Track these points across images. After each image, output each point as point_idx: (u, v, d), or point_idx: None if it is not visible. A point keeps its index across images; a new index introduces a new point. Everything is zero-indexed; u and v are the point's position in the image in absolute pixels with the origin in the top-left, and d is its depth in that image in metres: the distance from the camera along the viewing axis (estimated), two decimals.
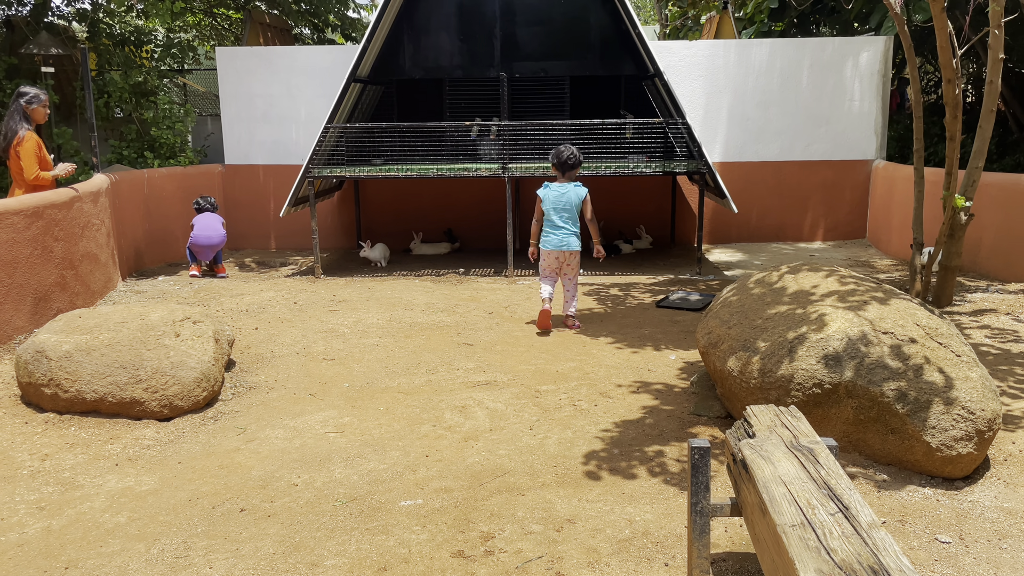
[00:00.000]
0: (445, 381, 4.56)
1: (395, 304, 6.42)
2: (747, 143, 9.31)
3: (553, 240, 5.71)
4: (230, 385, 4.47)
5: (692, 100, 9.17)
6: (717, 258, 8.71)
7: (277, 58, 9.34)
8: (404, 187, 9.57)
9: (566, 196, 5.68)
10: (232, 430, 3.91)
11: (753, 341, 3.59)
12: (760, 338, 3.57)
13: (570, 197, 5.69)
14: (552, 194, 5.68)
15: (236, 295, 6.85)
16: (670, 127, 7.64)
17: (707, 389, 4.18)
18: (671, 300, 6.47)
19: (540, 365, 4.83)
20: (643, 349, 5.15)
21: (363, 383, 4.55)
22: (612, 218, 9.37)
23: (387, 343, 5.35)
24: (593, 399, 4.22)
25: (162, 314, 4.37)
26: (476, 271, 8.11)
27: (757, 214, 9.47)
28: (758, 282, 4.00)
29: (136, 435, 3.84)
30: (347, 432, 3.84)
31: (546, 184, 5.73)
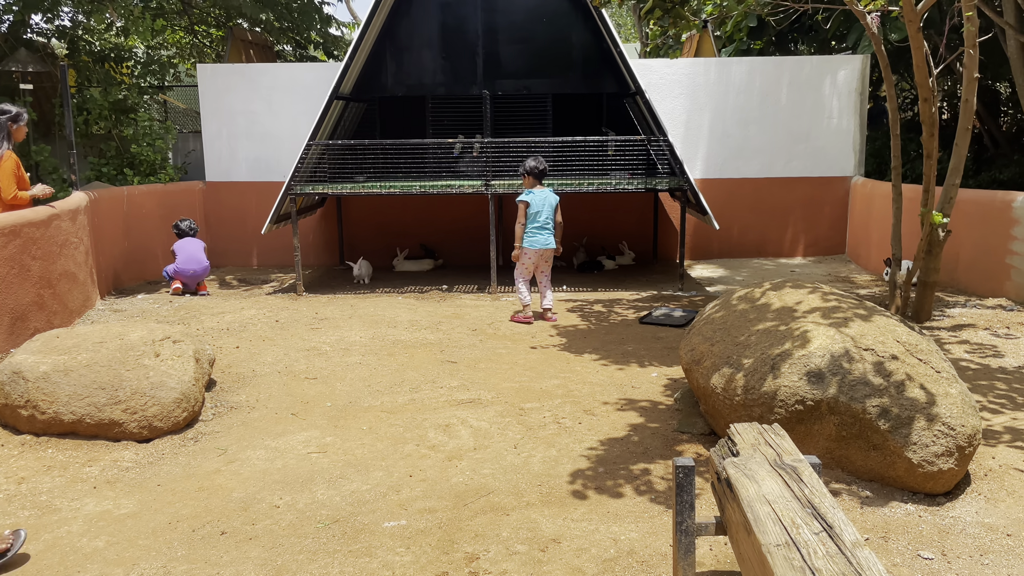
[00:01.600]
0: (429, 399, 4.54)
1: (378, 322, 6.40)
2: (728, 160, 9.40)
3: (540, 240, 6.35)
4: (211, 405, 4.43)
5: (673, 117, 9.25)
6: (699, 274, 8.76)
7: (259, 75, 9.33)
8: (387, 204, 9.56)
9: (548, 200, 6.38)
10: (213, 451, 3.86)
11: (737, 358, 3.61)
12: (744, 355, 3.59)
13: (550, 201, 6.40)
14: (538, 198, 6.33)
15: (217, 313, 6.80)
16: (652, 144, 7.70)
17: (691, 406, 4.18)
18: (654, 316, 6.49)
19: (524, 383, 4.82)
20: (627, 366, 5.16)
21: (346, 402, 4.52)
22: (595, 234, 9.41)
23: (370, 361, 5.32)
24: (577, 417, 4.21)
25: (142, 333, 4.32)
26: (459, 288, 8.10)
27: (738, 230, 9.54)
28: (741, 298, 4.02)
29: (115, 457, 3.79)
30: (330, 452, 3.80)
31: (528, 191, 6.36)
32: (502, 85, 8.76)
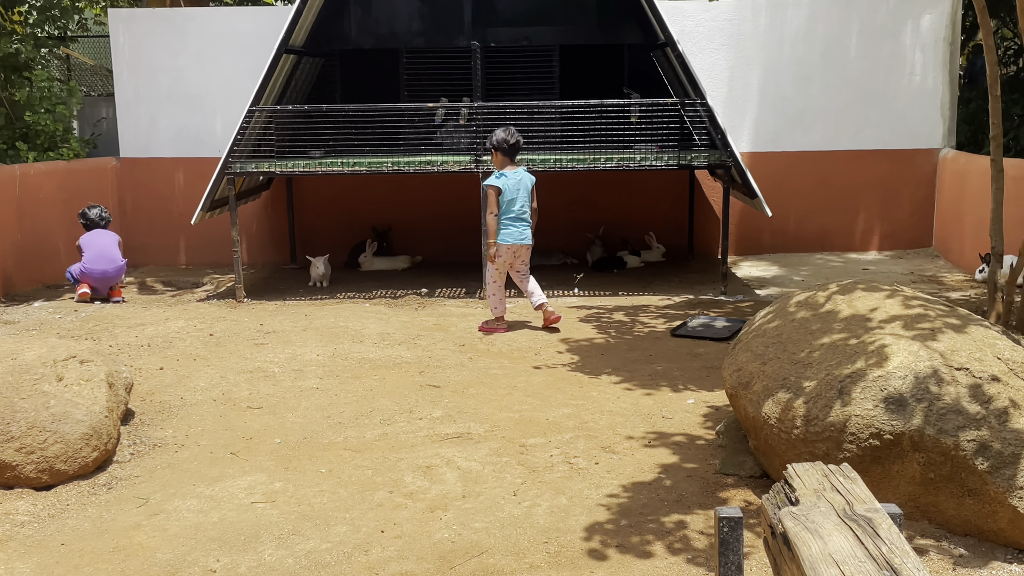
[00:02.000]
0: (405, 434, 4.54)
1: (340, 335, 6.40)
2: (782, 129, 9.42)
3: (515, 233, 6.47)
4: (128, 442, 4.43)
5: (713, 75, 9.27)
6: (747, 273, 8.76)
7: (186, 22, 9.35)
8: (351, 186, 9.58)
9: (523, 183, 6.47)
10: (131, 501, 3.86)
11: (795, 380, 3.62)
12: (804, 376, 3.60)
13: (526, 184, 6.49)
14: (511, 182, 6.39)
15: (135, 325, 6.79)
16: (686, 109, 7.72)
17: (737, 441, 4.19)
18: (690, 327, 6.50)
19: (526, 412, 4.83)
20: (656, 390, 5.17)
21: (299, 438, 4.53)
22: (615, 223, 9.43)
23: (330, 386, 5.32)
24: (594, 455, 4.22)
25: (40, 352, 4.32)
26: (443, 291, 8.11)
27: (796, 217, 9.56)
28: (801, 304, 4.03)
29: (6, 509, 3.79)
30: (279, 501, 3.81)
31: (499, 173, 6.43)
32: (496, 35, 8.78)
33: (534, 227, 6.64)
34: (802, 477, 2.57)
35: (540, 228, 9.50)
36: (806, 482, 2.54)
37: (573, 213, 9.58)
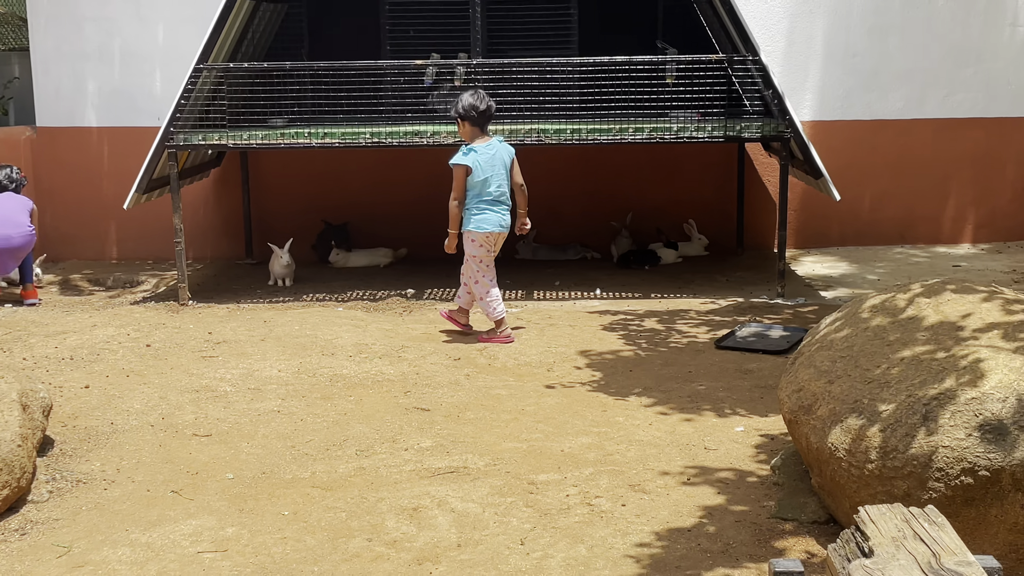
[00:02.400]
0: (387, 468, 4.54)
1: (306, 346, 6.41)
2: (854, 92, 9.41)
3: (494, 218, 6.57)
4: (47, 477, 4.43)
5: (769, 26, 9.26)
6: (809, 271, 8.75)
7: None
8: (320, 162, 9.58)
9: (497, 157, 6.56)
10: (49, 550, 3.87)
11: (869, 402, 3.61)
12: (880, 397, 3.60)
13: (502, 157, 6.59)
14: (484, 158, 6.50)
15: (56, 334, 6.80)
16: (735, 67, 7.71)
17: (797, 479, 4.18)
18: (739, 338, 6.50)
19: (536, 442, 4.83)
20: (697, 415, 5.16)
21: (256, 472, 4.53)
22: (646, 210, 9.42)
23: (294, 408, 5.32)
24: (620, 495, 4.22)
25: None
26: (434, 292, 8.11)
27: (871, 202, 9.55)
28: (876, 309, 4.02)
29: None
30: (232, 551, 3.81)
31: (467, 148, 6.55)
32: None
33: (524, 208, 6.81)
34: (877, 523, 2.57)
35: (552, 216, 9.56)
36: (882, 529, 2.54)
37: (594, 197, 9.58)
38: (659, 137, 7.58)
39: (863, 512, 2.63)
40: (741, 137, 7.69)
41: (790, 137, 7.51)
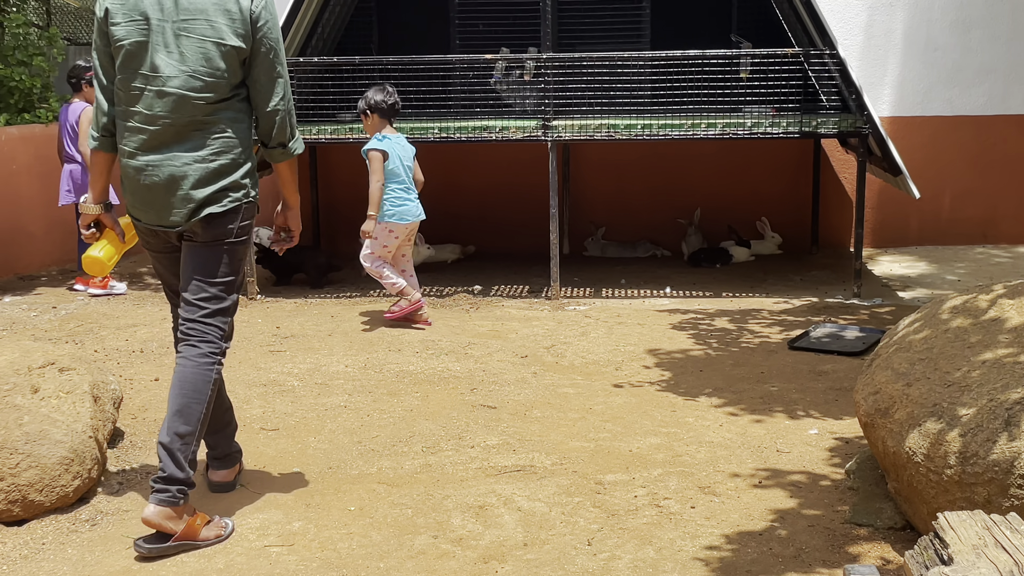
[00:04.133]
0: (453, 465, 4.56)
1: (373, 342, 6.46)
2: (934, 87, 9.27)
3: (411, 208, 6.92)
4: (116, 469, 4.51)
5: (846, 19, 9.16)
6: (887, 270, 8.64)
7: None
8: None
9: (407, 149, 6.95)
10: (119, 540, 3.93)
11: (948, 406, 3.55)
12: (960, 401, 3.54)
13: (409, 150, 6.96)
14: (397, 147, 6.83)
15: (126, 326, 6.93)
16: (811, 62, 7.62)
17: (872, 483, 4.13)
18: (813, 338, 6.44)
19: (603, 441, 4.82)
20: (769, 417, 5.12)
21: (323, 467, 4.57)
22: (717, 207, 9.36)
23: (361, 404, 5.36)
24: (689, 497, 4.20)
25: (12, 357, 4.42)
26: (500, 289, 8.13)
27: (951, 200, 9.41)
28: (957, 310, 3.96)
29: None
30: (298, 545, 3.85)
31: (381, 136, 6.86)
32: None
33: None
34: (957, 530, 2.53)
35: (621, 212, 9.54)
36: (962, 536, 2.50)
37: (664, 194, 9.55)
38: (733, 133, 7.53)
39: (942, 518, 2.59)
40: (817, 133, 7.60)
41: (868, 133, 7.42)
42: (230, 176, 3.95)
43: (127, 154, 3.92)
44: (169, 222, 3.91)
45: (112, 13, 3.86)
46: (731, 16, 9.18)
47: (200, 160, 3.90)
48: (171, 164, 3.88)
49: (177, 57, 3.84)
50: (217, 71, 3.87)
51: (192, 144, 3.90)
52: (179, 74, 3.84)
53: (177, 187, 3.88)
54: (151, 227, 3.99)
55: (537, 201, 9.21)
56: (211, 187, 3.90)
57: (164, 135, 3.87)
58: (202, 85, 3.85)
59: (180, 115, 3.86)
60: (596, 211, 9.64)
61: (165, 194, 3.88)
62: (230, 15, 3.87)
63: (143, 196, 3.93)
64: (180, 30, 3.85)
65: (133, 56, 3.86)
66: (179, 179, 3.88)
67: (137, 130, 3.89)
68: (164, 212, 3.91)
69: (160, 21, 3.84)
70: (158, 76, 3.84)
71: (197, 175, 3.89)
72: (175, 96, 3.84)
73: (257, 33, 3.91)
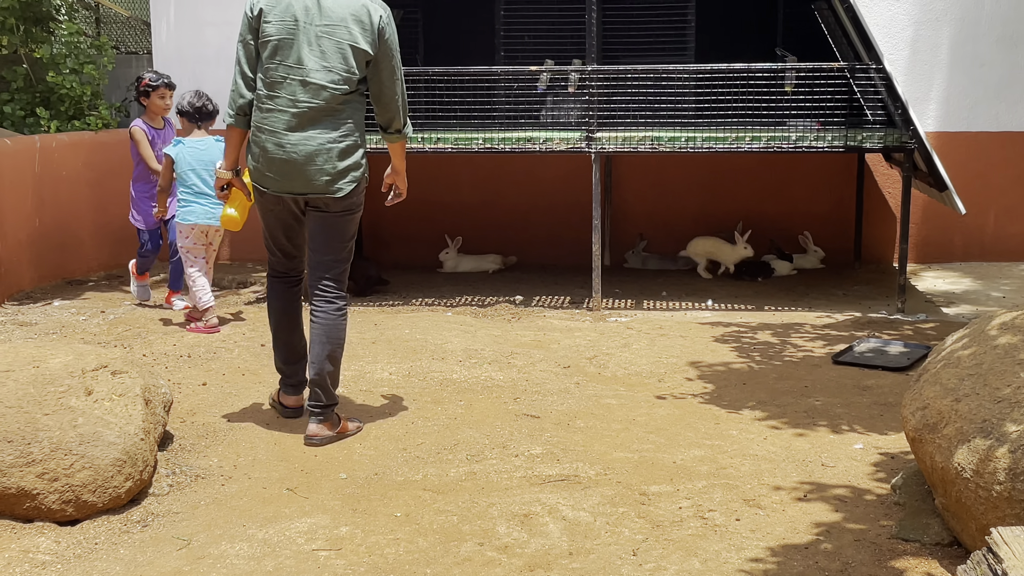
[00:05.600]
0: (497, 474, 4.60)
1: (416, 350, 6.50)
2: (981, 103, 9.22)
3: (199, 210, 7.03)
4: (167, 471, 4.58)
5: (892, 33, 9.13)
6: (931, 286, 8.58)
7: None
8: (432, 168, 9.70)
9: (208, 153, 7.05)
10: (170, 542, 4.00)
11: (998, 422, 3.55)
12: (1009, 417, 3.53)
13: (214, 154, 6.98)
14: (188, 151, 7.05)
15: (173, 331, 7.01)
16: (856, 76, 7.61)
17: (919, 499, 4.12)
18: (857, 353, 6.42)
19: (647, 452, 4.84)
20: (812, 431, 5.12)
21: (369, 473, 4.62)
22: (760, 220, 9.35)
23: (406, 411, 5.42)
24: (734, 509, 4.20)
25: (66, 359, 4.50)
26: (542, 300, 8.16)
27: (997, 216, 9.34)
28: (1006, 327, 3.95)
29: (24, 546, 3.96)
30: (346, 550, 3.89)
31: (177, 140, 7.15)
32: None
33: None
34: (1011, 544, 2.54)
35: (663, 225, 9.55)
36: (1016, 551, 2.50)
37: (705, 206, 9.54)
38: (777, 147, 7.52)
39: (996, 533, 2.60)
40: (862, 148, 7.59)
41: (914, 148, 7.39)
42: (353, 156, 4.92)
43: (268, 131, 4.82)
44: (304, 190, 4.85)
45: (265, 12, 4.77)
46: (776, 30, 9.18)
47: (333, 141, 4.83)
48: (308, 143, 4.80)
49: (319, 54, 4.76)
50: (350, 68, 4.80)
51: (325, 126, 4.82)
52: (320, 68, 4.76)
53: (312, 162, 4.81)
54: (280, 195, 4.89)
55: (579, 213, 9.25)
56: (340, 163, 4.86)
57: (304, 118, 4.79)
58: (338, 79, 4.78)
59: (318, 102, 4.78)
60: (638, 223, 9.65)
61: (303, 167, 4.81)
62: (363, 25, 4.80)
63: (280, 168, 4.83)
64: (323, 32, 4.76)
65: (279, 50, 4.77)
66: (314, 155, 4.80)
67: (280, 112, 4.80)
68: (300, 182, 4.84)
69: (306, 23, 4.75)
70: (303, 68, 4.75)
71: (330, 153, 4.82)
72: (316, 86, 4.77)
73: (383, 42, 4.84)
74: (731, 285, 8.67)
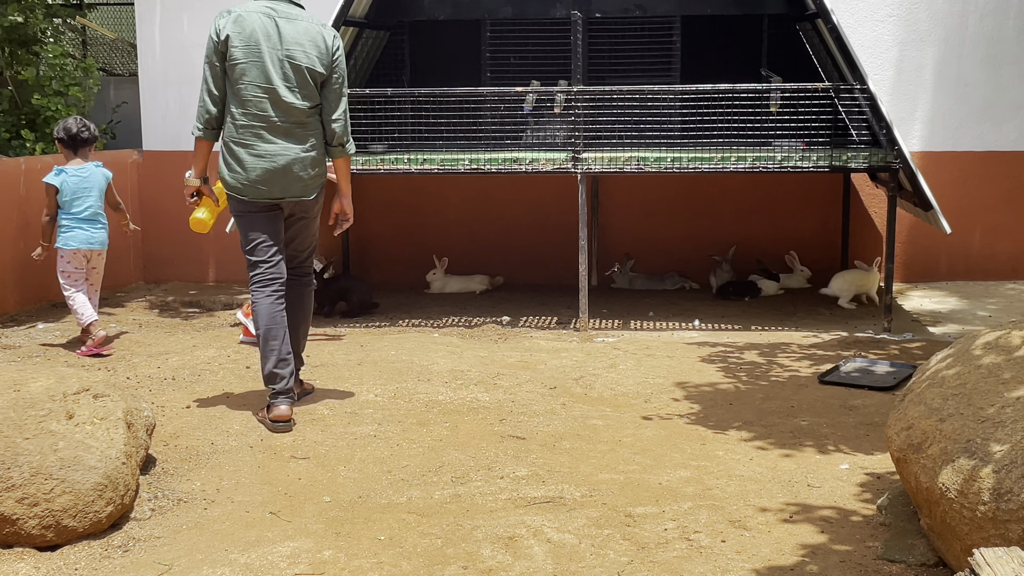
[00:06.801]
0: (482, 496, 4.57)
1: (402, 372, 6.48)
2: (965, 123, 9.26)
3: (81, 235, 7.20)
4: (149, 495, 4.54)
5: (877, 54, 9.17)
6: (917, 306, 8.59)
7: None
8: (418, 188, 9.72)
9: (90, 180, 7.23)
10: (151, 567, 3.96)
11: (982, 442, 3.54)
12: (993, 437, 3.52)
13: (97, 181, 7.25)
14: (72, 179, 7.16)
15: (157, 354, 6.98)
16: (841, 96, 7.64)
17: (904, 519, 4.11)
18: (843, 373, 6.42)
19: (633, 474, 4.82)
20: (799, 451, 5.10)
21: (353, 496, 4.59)
22: (748, 240, 9.37)
23: (390, 433, 5.38)
24: (719, 531, 4.18)
25: (47, 383, 4.47)
26: (529, 320, 8.14)
27: (982, 236, 9.36)
28: (989, 347, 3.95)
29: (3, 572, 3.92)
30: (328, 574, 3.86)
31: (58, 169, 7.21)
32: (601, 3, 8.83)
33: (125, 219, 7.56)
34: (993, 566, 2.52)
35: (650, 245, 9.55)
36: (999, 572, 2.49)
37: (693, 226, 9.56)
38: (763, 167, 7.54)
39: (978, 555, 2.59)
40: (847, 167, 7.61)
41: (899, 168, 7.41)
42: (320, 165, 5.54)
43: (245, 145, 5.34)
44: (282, 195, 5.42)
45: (232, 38, 5.25)
46: (761, 51, 9.21)
47: (304, 151, 5.42)
48: (285, 154, 5.37)
49: (282, 76, 5.30)
50: (310, 88, 5.37)
51: (296, 139, 5.40)
52: (285, 88, 5.30)
53: (289, 171, 5.38)
54: (260, 200, 5.41)
55: (566, 233, 9.25)
56: (312, 171, 5.47)
57: (277, 132, 5.35)
58: (302, 95, 5.35)
59: (289, 117, 5.36)
60: (624, 243, 9.65)
61: (282, 175, 5.37)
62: (319, 48, 5.38)
63: (262, 176, 5.35)
64: (285, 56, 5.30)
65: (247, 72, 5.27)
66: (291, 165, 5.38)
67: (256, 128, 5.33)
68: (278, 188, 5.40)
69: (269, 48, 5.28)
70: (271, 87, 5.28)
71: (304, 162, 5.42)
72: (285, 103, 5.31)
73: (334, 65, 5.42)
74: (718, 305, 8.67)
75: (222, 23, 5.32)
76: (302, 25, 5.37)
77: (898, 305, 8.47)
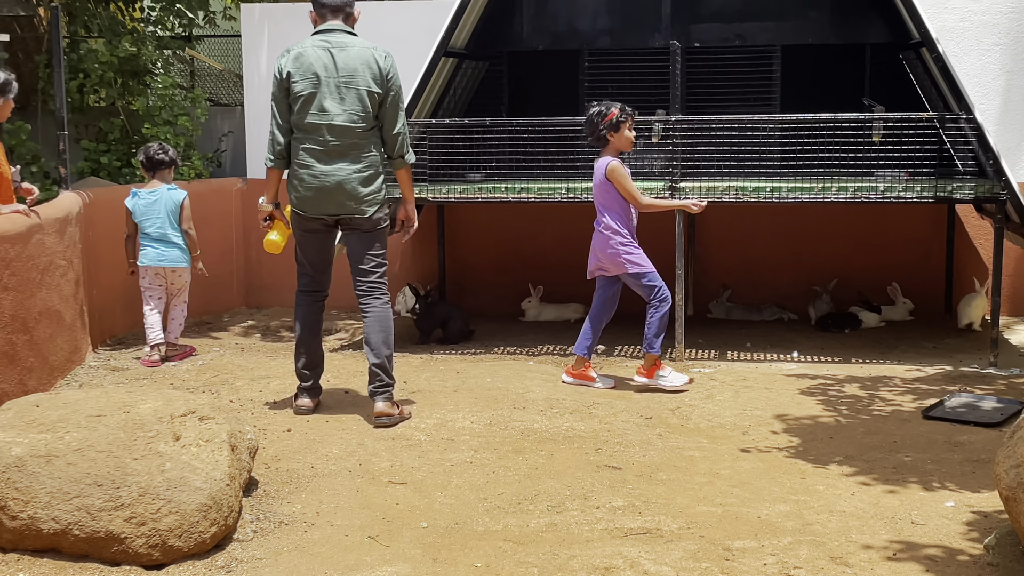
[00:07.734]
0: (578, 526, 4.56)
1: (498, 399, 6.50)
2: None
3: (152, 253, 7.69)
4: (251, 517, 4.62)
5: (983, 83, 9.01)
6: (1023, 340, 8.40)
7: None
8: (514, 217, 9.77)
9: (159, 202, 7.69)
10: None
11: None
12: None
13: (164, 202, 7.70)
14: (142, 202, 7.69)
15: (259, 378, 7.11)
16: (946, 126, 7.51)
17: (1014, 559, 4.01)
18: (948, 408, 6.28)
19: (731, 507, 4.77)
20: (902, 488, 5.00)
21: (449, 523, 4.61)
22: (847, 270, 9.24)
23: (486, 460, 5.41)
24: (820, 567, 4.12)
25: (155, 405, 4.58)
26: (624, 350, 8.12)
27: None
28: None
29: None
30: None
31: (133, 191, 7.73)
32: (701, 32, 8.82)
33: (195, 251, 7.87)
34: None
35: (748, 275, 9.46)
36: None
37: (792, 257, 9.45)
38: (864, 197, 7.44)
39: None
40: (952, 198, 7.47)
41: (1006, 199, 7.25)
42: (374, 183, 5.95)
43: (305, 167, 5.87)
44: (336, 212, 5.91)
45: (293, 75, 5.79)
46: (864, 79, 9.10)
47: (357, 171, 5.88)
48: (337, 174, 5.85)
49: (338, 100, 5.79)
50: (366, 109, 5.85)
51: (350, 160, 5.87)
52: (342, 112, 5.80)
53: (341, 189, 5.86)
54: (316, 217, 5.95)
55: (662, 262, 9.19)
56: (364, 189, 5.89)
57: (332, 153, 5.84)
58: (357, 119, 5.82)
59: (345, 140, 5.84)
60: (721, 273, 9.58)
61: (336, 193, 5.86)
62: (373, 72, 5.84)
63: (316, 195, 5.87)
64: (342, 83, 5.79)
65: (308, 102, 5.79)
66: (343, 184, 5.85)
67: (314, 151, 5.84)
68: (332, 206, 5.89)
69: (327, 78, 5.78)
70: (327, 114, 5.78)
71: (354, 182, 5.87)
72: (340, 127, 5.81)
73: (388, 83, 5.87)
74: (817, 337, 8.56)
75: (283, 62, 5.86)
76: (355, 51, 5.80)
77: (1004, 339, 8.27)
